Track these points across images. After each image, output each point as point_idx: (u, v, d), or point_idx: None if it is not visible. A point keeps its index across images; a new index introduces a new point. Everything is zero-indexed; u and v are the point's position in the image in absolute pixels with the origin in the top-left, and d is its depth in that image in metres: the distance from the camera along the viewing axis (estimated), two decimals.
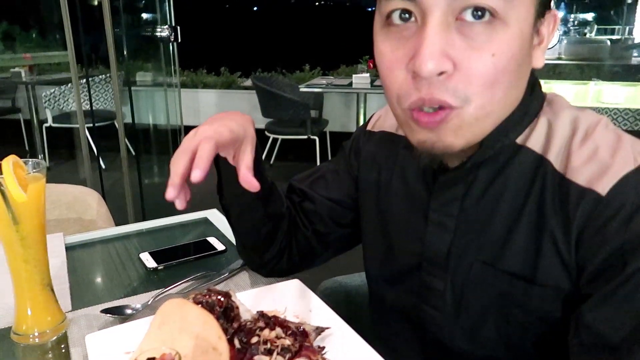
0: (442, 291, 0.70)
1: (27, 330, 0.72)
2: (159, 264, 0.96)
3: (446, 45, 0.53)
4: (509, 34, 0.53)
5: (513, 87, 0.58)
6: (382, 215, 0.79)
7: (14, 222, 0.67)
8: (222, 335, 0.59)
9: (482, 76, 0.54)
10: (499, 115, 0.59)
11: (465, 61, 0.53)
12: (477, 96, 0.55)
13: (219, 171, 0.78)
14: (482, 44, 0.53)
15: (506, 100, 0.58)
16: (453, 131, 0.57)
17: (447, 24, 0.53)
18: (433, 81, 0.54)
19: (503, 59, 0.54)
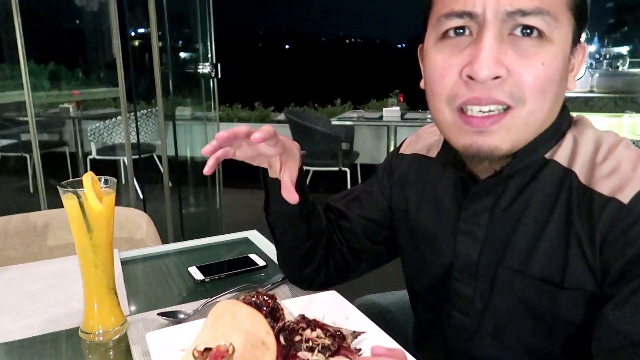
0: (471, 298, 0.75)
1: (93, 328, 0.80)
2: (206, 277, 1.04)
3: (500, 53, 0.61)
4: (554, 50, 0.62)
5: (557, 99, 0.65)
6: (414, 230, 0.86)
7: (88, 231, 0.76)
8: (270, 330, 0.66)
9: (534, 82, 0.62)
10: (542, 125, 0.66)
11: (518, 68, 0.61)
12: (530, 100, 0.62)
13: (266, 189, 0.86)
14: (532, 54, 0.61)
15: (551, 111, 0.66)
16: (503, 133, 0.64)
17: (501, 37, 0.62)
18: (488, 84, 0.62)
19: (552, 69, 0.62)
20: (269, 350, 0.65)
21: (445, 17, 0.64)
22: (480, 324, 0.75)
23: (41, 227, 1.35)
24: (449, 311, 0.79)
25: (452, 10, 0.63)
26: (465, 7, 0.62)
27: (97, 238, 0.77)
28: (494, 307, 0.73)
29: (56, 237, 1.36)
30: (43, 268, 1.11)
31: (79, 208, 0.75)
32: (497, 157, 0.66)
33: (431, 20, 0.68)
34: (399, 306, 1.18)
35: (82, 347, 0.81)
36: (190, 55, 3.45)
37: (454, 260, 0.77)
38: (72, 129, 5.45)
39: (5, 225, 1.33)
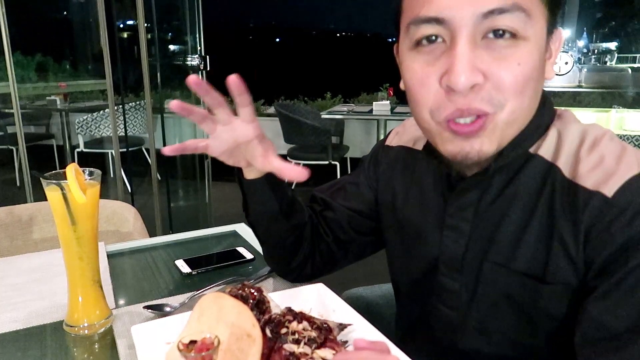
0: (457, 292, 0.76)
1: (77, 321, 0.80)
2: (193, 270, 1.03)
3: (475, 59, 0.60)
4: (529, 47, 0.61)
5: (535, 96, 0.65)
6: (400, 223, 0.86)
7: (72, 223, 0.75)
8: (255, 323, 0.66)
9: (512, 83, 0.61)
10: (523, 121, 0.67)
11: (495, 71, 0.61)
12: (510, 101, 0.62)
13: (243, 191, 0.86)
14: (508, 55, 0.61)
15: (530, 108, 0.66)
16: (488, 137, 0.64)
17: (474, 41, 0.61)
18: (467, 93, 0.61)
19: (528, 68, 0.61)
20: (254, 343, 0.65)
21: (415, 24, 0.63)
22: (466, 317, 0.75)
23: (26, 220, 1.33)
24: (434, 305, 0.79)
25: (418, 17, 0.62)
26: (433, 13, 0.60)
27: (81, 230, 0.76)
28: (478, 301, 0.74)
29: (41, 230, 1.34)
30: (27, 261, 1.10)
31: (63, 200, 0.74)
32: (484, 159, 0.67)
33: (402, 26, 0.67)
34: (387, 299, 1.19)
35: (67, 341, 0.80)
36: (179, 47, 3.42)
37: (440, 254, 0.77)
38: (60, 122, 5.39)
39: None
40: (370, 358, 0.52)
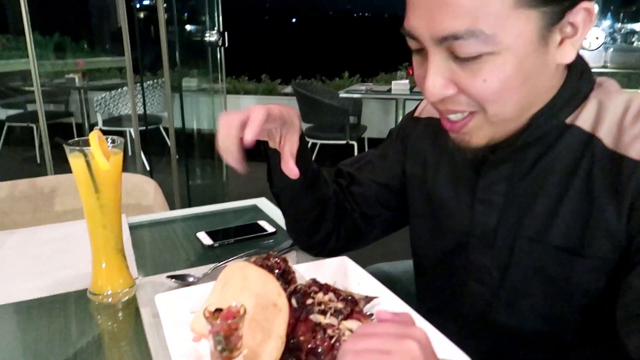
0: (489, 267, 0.73)
1: (101, 289, 0.80)
2: (214, 242, 1.02)
3: (447, 72, 0.61)
4: (500, 61, 0.58)
5: (526, 94, 0.62)
6: (429, 197, 0.83)
7: (95, 191, 0.75)
8: (281, 292, 0.64)
9: (480, 98, 0.61)
10: (521, 116, 0.65)
11: (464, 85, 0.61)
12: (489, 107, 0.62)
13: (268, 161, 0.84)
14: (474, 71, 0.60)
15: (522, 105, 0.63)
16: (473, 133, 0.65)
17: (446, 57, 0.60)
18: (444, 100, 0.63)
19: (494, 83, 0.59)
20: (281, 312, 0.63)
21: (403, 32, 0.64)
22: (497, 293, 0.73)
23: (48, 192, 1.34)
24: (463, 280, 0.77)
25: (404, 28, 0.63)
26: (407, 28, 0.62)
27: (105, 198, 0.75)
28: (511, 276, 0.71)
29: (63, 203, 1.35)
30: (50, 232, 1.10)
31: (86, 167, 0.73)
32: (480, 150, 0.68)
33: None
34: (408, 275, 1.17)
35: (91, 309, 0.80)
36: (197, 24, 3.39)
37: (471, 229, 0.75)
38: (78, 100, 5.42)
39: (12, 189, 1.32)
40: (394, 330, 0.50)
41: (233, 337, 0.60)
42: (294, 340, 0.64)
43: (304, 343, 0.64)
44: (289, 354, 0.63)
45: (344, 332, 0.65)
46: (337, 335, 0.65)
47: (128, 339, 0.74)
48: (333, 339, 0.64)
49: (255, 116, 0.68)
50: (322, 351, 0.63)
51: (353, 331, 0.65)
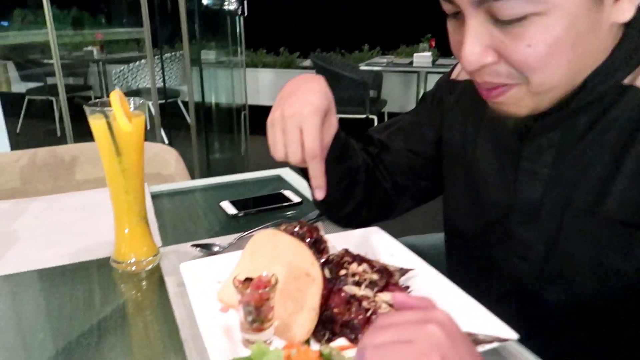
0: (532, 242, 0.68)
1: (124, 257, 0.77)
2: (239, 212, 0.99)
3: (487, 38, 0.55)
4: (547, 22, 0.52)
5: (575, 59, 0.56)
6: (468, 166, 0.78)
7: (117, 154, 0.71)
8: (315, 261, 0.61)
9: (524, 65, 0.55)
10: (569, 82, 0.59)
11: (506, 52, 0.55)
12: (533, 77, 0.56)
13: None
14: (517, 36, 0.53)
15: (570, 72, 0.57)
16: (513, 103, 0.59)
17: (485, 21, 0.54)
18: (482, 70, 0.57)
19: (540, 47, 0.53)
20: (314, 282, 0.60)
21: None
22: (542, 269, 0.68)
23: (69, 160, 1.32)
24: (504, 256, 0.73)
25: None
26: None
27: (127, 162, 0.72)
28: (558, 252, 0.66)
29: (84, 172, 1.33)
30: (72, 200, 1.08)
31: (107, 129, 0.69)
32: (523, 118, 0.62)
33: None
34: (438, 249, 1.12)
35: (114, 277, 0.77)
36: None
37: (514, 201, 0.70)
38: (97, 73, 5.41)
39: (32, 158, 1.30)
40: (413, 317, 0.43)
41: (264, 307, 0.56)
42: (327, 312, 0.61)
43: (338, 315, 0.60)
44: (321, 326, 0.60)
45: (380, 304, 0.61)
46: (373, 307, 0.61)
47: (152, 308, 0.71)
48: (369, 311, 0.60)
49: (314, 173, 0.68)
50: (357, 324, 0.60)
51: (390, 304, 0.62)
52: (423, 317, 0.42)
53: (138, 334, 0.65)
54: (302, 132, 0.66)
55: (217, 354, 0.54)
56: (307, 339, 0.59)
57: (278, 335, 0.59)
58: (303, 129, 0.66)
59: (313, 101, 0.67)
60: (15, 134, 4.76)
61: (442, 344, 0.40)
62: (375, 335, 0.42)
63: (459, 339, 0.41)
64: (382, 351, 0.41)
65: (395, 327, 0.42)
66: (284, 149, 0.68)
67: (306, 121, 0.66)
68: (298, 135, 0.66)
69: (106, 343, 0.63)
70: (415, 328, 0.41)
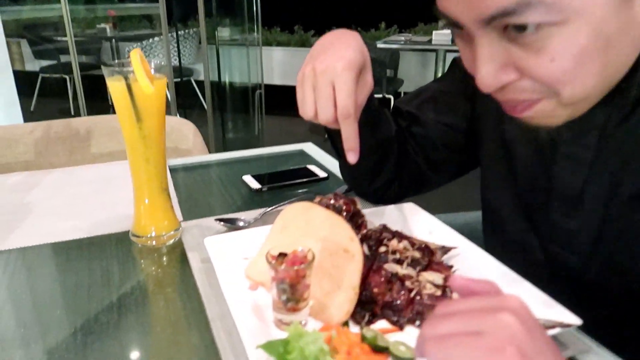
0: (576, 231, 0.62)
1: (144, 231, 0.72)
2: (262, 186, 0.94)
3: (503, 56, 0.47)
4: (569, 32, 0.44)
5: (610, 61, 0.47)
6: (505, 143, 0.72)
7: (137, 119, 0.66)
8: (354, 237, 0.55)
9: (551, 79, 0.47)
10: (605, 85, 0.50)
11: (528, 68, 0.47)
12: (562, 91, 0.47)
13: None
14: (538, 50, 0.45)
15: (606, 74, 0.48)
16: (544, 117, 0.51)
17: (497, 37, 0.46)
18: (503, 89, 0.49)
19: (566, 61, 0.45)
20: (353, 259, 0.55)
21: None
22: (588, 261, 0.62)
23: (84, 133, 1.27)
24: (544, 245, 0.67)
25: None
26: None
27: (147, 128, 0.67)
28: (606, 242, 0.60)
29: (99, 145, 1.28)
30: (88, 172, 1.04)
31: (127, 92, 0.64)
32: None
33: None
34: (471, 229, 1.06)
35: (134, 252, 0.73)
36: None
37: (553, 187, 0.63)
38: (109, 51, 5.36)
39: (46, 130, 1.26)
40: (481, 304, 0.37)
41: (300, 285, 0.51)
42: (366, 292, 0.56)
43: (379, 296, 0.55)
44: (360, 307, 0.55)
45: (424, 284, 0.56)
46: (417, 288, 0.56)
47: (175, 285, 0.67)
48: (413, 292, 0.55)
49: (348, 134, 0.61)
50: (400, 305, 0.54)
51: (435, 284, 0.56)
52: (494, 304, 0.36)
53: (160, 312, 0.61)
54: (335, 88, 0.59)
55: (249, 335, 0.50)
56: (346, 321, 0.54)
57: (313, 316, 0.55)
58: (336, 85, 0.59)
59: (347, 55, 0.60)
60: (29, 112, 4.75)
61: (519, 336, 0.33)
62: (437, 325, 0.36)
63: (536, 330, 0.35)
64: (447, 344, 0.34)
65: (460, 316, 0.36)
66: (314, 106, 0.61)
67: (339, 76, 0.59)
68: (330, 92, 0.59)
69: (126, 321, 0.58)
70: (485, 317, 0.35)
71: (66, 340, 0.55)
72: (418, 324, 0.53)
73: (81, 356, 0.53)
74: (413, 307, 0.54)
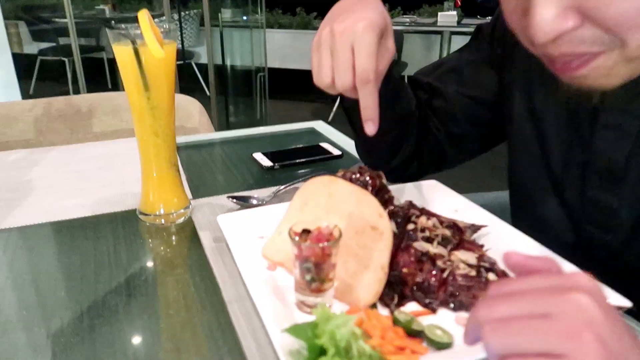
0: (615, 209, 0.58)
1: (153, 208, 0.68)
2: (274, 164, 0.89)
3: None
4: None
5: None
6: (535, 114, 0.67)
7: (145, 88, 0.61)
8: (383, 213, 0.51)
9: (620, 23, 0.40)
10: None
11: (593, 10, 0.41)
12: (631, 38, 0.41)
13: None
14: None
15: None
16: (601, 75, 0.45)
17: None
18: (559, 39, 0.43)
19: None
20: (382, 237, 0.50)
21: None
22: (628, 242, 0.58)
23: (86, 111, 1.22)
24: (578, 227, 0.62)
25: None
26: None
27: (157, 98, 0.62)
28: None
29: (102, 123, 1.24)
30: (92, 149, 0.99)
31: (135, 58, 0.59)
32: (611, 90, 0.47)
33: None
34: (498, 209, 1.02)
35: (141, 231, 0.69)
36: None
37: (591, 160, 0.59)
38: None
39: (47, 107, 1.21)
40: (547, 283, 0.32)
41: (325, 264, 0.47)
42: (395, 272, 0.52)
43: (409, 276, 0.51)
44: (389, 288, 0.51)
45: (457, 264, 0.52)
46: (450, 268, 0.52)
47: (186, 266, 0.63)
48: (445, 272, 0.51)
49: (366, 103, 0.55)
50: (432, 287, 0.50)
51: (469, 264, 0.52)
52: (563, 282, 0.31)
53: (172, 294, 0.57)
54: (354, 51, 0.53)
55: (271, 318, 0.46)
56: (373, 304, 0.50)
57: (338, 298, 0.51)
58: (355, 47, 0.53)
59: (369, 16, 0.54)
60: (28, 95, 4.68)
61: (596, 319, 0.28)
62: (496, 306, 0.31)
63: (613, 313, 0.30)
64: (510, 328, 0.29)
65: (524, 296, 0.31)
66: (330, 72, 0.55)
67: (360, 38, 0.53)
68: (349, 56, 0.53)
69: (136, 304, 0.54)
70: (555, 297, 0.30)
71: (72, 324, 0.51)
72: (452, 306, 0.50)
73: (88, 340, 0.49)
74: (446, 288, 0.50)
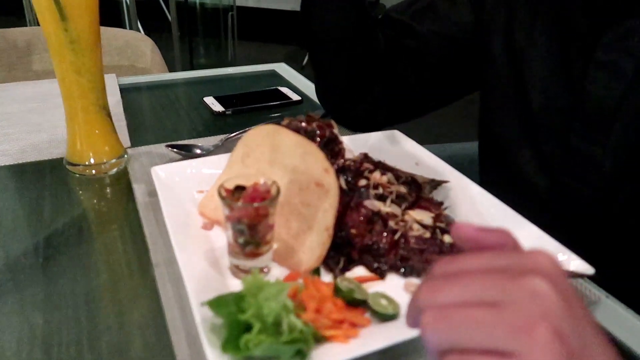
0: (599, 160, 0.54)
1: (81, 158, 0.61)
2: (226, 109, 0.82)
3: None
4: None
5: None
6: (516, 56, 0.61)
7: (61, 18, 0.52)
8: (329, 167, 0.45)
9: None
10: None
11: None
12: None
13: None
14: None
15: None
16: None
17: None
18: None
19: None
20: (327, 195, 0.45)
21: None
22: (607, 196, 0.54)
23: (23, 46, 1.11)
24: (554, 179, 0.58)
25: None
26: None
27: (76, 29, 0.53)
28: (637, 174, 0.52)
29: (42, 61, 1.13)
30: (23, 89, 0.90)
31: None
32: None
33: None
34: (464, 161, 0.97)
35: (70, 183, 0.62)
36: None
37: (578, 104, 0.54)
38: None
39: None
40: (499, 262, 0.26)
41: (261, 226, 0.42)
42: (342, 234, 0.47)
43: (357, 238, 0.46)
44: (334, 251, 0.46)
45: (410, 225, 0.47)
46: (403, 229, 0.47)
47: (116, 223, 0.56)
48: (397, 233, 0.46)
49: None
50: (382, 249, 0.46)
51: (423, 224, 0.48)
52: (517, 262, 0.25)
53: (97, 255, 0.51)
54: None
55: (196, 286, 0.40)
56: (317, 268, 0.45)
57: (278, 262, 0.46)
58: None
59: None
60: None
61: (553, 309, 0.23)
62: (439, 290, 0.25)
63: (574, 300, 0.24)
64: (452, 318, 0.24)
65: (471, 279, 0.25)
66: None
67: None
68: None
69: (55, 264, 0.48)
70: (506, 282, 0.24)
71: None
72: (402, 271, 0.45)
73: None
74: (397, 251, 0.46)
